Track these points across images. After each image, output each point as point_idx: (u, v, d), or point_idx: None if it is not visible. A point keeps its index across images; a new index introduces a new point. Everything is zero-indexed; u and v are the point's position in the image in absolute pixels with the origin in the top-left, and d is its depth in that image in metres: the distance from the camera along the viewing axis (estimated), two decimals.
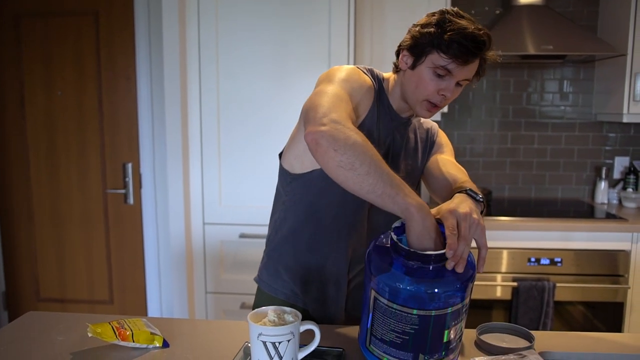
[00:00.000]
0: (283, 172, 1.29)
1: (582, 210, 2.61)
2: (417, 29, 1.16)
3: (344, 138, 0.96)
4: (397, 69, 1.23)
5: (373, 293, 0.93)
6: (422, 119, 1.35)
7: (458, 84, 1.15)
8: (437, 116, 2.54)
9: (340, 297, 1.31)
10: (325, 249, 1.27)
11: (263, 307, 0.96)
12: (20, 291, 3.00)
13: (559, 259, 2.31)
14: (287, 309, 0.96)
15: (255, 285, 1.42)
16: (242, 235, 2.39)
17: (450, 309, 0.89)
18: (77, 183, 2.84)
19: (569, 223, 2.33)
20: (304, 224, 1.28)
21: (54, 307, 2.96)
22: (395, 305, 0.90)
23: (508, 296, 2.34)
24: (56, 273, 2.94)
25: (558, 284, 2.29)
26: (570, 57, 2.54)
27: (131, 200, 2.83)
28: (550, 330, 2.30)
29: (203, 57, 2.32)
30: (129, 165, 2.80)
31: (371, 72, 1.24)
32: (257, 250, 2.40)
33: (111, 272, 2.91)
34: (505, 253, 2.33)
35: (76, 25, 2.72)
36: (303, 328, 0.94)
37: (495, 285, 2.33)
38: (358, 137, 0.97)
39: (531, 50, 2.34)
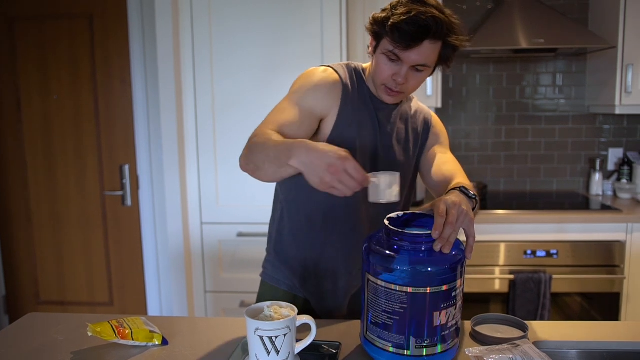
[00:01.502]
0: None
1: (577, 202, 2.63)
2: (377, 13, 1.17)
3: (247, 152, 1.09)
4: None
5: (367, 276, 0.98)
6: (417, 107, 1.34)
7: (416, 69, 1.13)
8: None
9: (339, 291, 1.32)
10: (318, 244, 1.29)
11: (260, 303, 0.98)
12: (21, 295, 3.01)
13: (554, 251, 2.33)
14: (284, 303, 0.98)
15: (257, 283, 1.45)
16: (240, 234, 2.41)
17: (438, 288, 0.92)
18: (75, 185, 2.85)
19: (564, 215, 2.35)
20: (298, 222, 1.31)
21: (55, 309, 2.97)
22: (384, 283, 0.94)
23: (505, 289, 2.36)
24: (56, 276, 2.95)
25: (554, 276, 2.31)
26: (562, 50, 2.56)
27: (129, 202, 2.84)
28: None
29: (197, 58, 2.33)
30: (126, 167, 2.81)
31: (347, 67, 1.26)
32: (255, 248, 2.42)
33: (110, 273, 2.92)
34: (501, 246, 2.34)
35: (71, 29, 2.72)
36: (299, 322, 0.96)
37: (493, 278, 2.35)
38: (257, 139, 1.08)
39: (523, 44, 2.36)
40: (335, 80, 1.22)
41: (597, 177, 2.79)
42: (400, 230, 0.96)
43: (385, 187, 1.00)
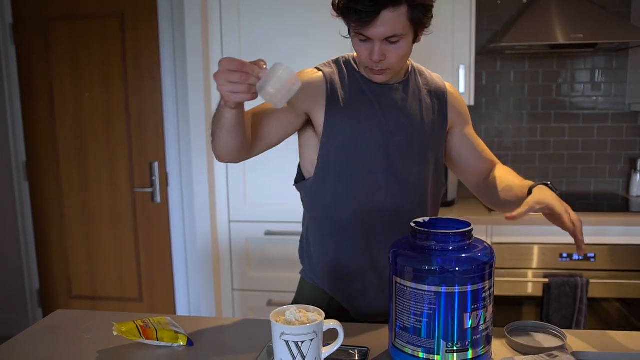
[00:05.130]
0: (301, 177, 1.32)
1: (617, 204, 2.53)
2: None
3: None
4: None
5: (395, 279, 0.97)
6: (430, 81, 1.29)
7: (390, 42, 1.08)
8: None
9: (369, 294, 1.29)
10: (344, 246, 1.26)
11: (286, 306, 0.95)
12: (53, 289, 3.07)
13: (592, 255, 2.24)
14: (311, 307, 0.95)
15: (284, 282, 1.43)
16: (268, 233, 2.39)
17: (466, 288, 0.91)
18: (106, 182, 2.89)
19: (603, 217, 2.25)
20: (321, 224, 1.28)
21: (86, 304, 3.02)
22: (411, 284, 0.93)
23: (539, 293, 2.28)
24: (87, 271, 2.99)
25: (591, 280, 2.22)
26: (602, 46, 2.45)
27: (158, 199, 2.86)
28: (584, 328, 2.24)
29: (226, 54, 2.32)
30: (156, 164, 2.83)
31: (335, 62, 1.24)
32: (282, 247, 2.40)
33: (140, 270, 2.95)
34: (536, 248, 2.27)
35: (102, 28, 2.76)
36: (327, 327, 0.93)
37: (526, 281, 2.28)
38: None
39: (560, 40, 2.27)
40: (316, 78, 1.20)
41: (637, 177, 2.67)
42: (427, 230, 0.95)
43: (272, 77, 0.93)
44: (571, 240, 2.22)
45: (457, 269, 0.92)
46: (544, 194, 1.06)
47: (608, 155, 2.77)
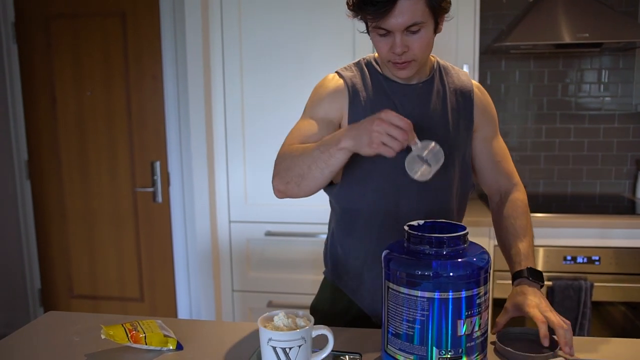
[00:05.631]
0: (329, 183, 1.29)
1: (623, 206, 2.48)
2: None
3: (282, 172, 1.10)
4: None
5: (387, 284, 0.95)
6: (457, 79, 1.24)
7: (410, 32, 1.05)
8: None
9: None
10: (370, 252, 1.24)
11: (275, 311, 0.93)
12: (55, 288, 3.06)
13: (596, 257, 2.20)
14: (300, 312, 0.93)
15: (284, 283, 1.41)
16: (268, 233, 2.37)
17: (460, 294, 0.89)
18: (108, 182, 2.88)
19: (608, 219, 2.21)
20: (349, 228, 1.26)
21: (87, 304, 3.02)
22: (404, 289, 0.91)
23: None
24: (88, 270, 2.99)
25: (596, 284, 2.18)
26: (609, 45, 2.41)
27: (160, 199, 2.85)
28: (588, 332, 2.20)
29: (227, 54, 2.30)
30: (157, 164, 2.82)
31: (356, 65, 1.23)
32: (283, 248, 2.38)
33: (141, 269, 2.94)
34: (540, 251, 2.23)
35: (104, 26, 2.75)
36: (315, 333, 0.91)
37: None
38: (290, 155, 1.09)
39: (565, 39, 2.24)
40: (338, 85, 1.19)
41: None
42: (421, 234, 0.93)
43: (423, 152, 1.00)
44: (575, 243, 2.20)
45: (451, 274, 0.89)
46: (524, 302, 1.08)
47: (614, 156, 2.72)
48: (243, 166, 2.37)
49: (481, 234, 2.25)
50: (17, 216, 3.04)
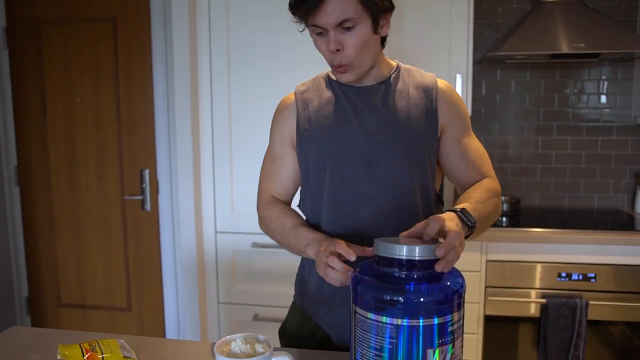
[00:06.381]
0: None
1: (621, 221, 2.42)
2: None
3: (264, 228, 1.26)
4: None
5: (354, 308, 0.88)
6: (421, 80, 1.18)
7: (344, 28, 1.03)
8: None
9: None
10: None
11: (233, 335, 0.88)
12: (42, 296, 3.01)
13: (592, 275, 2.13)
14: (261, 337, 0.87)
15: (271, 296, 1.39)
16: (255, 245, 2.32)
17: (431, 321, 0.82)
18: (96, 189, 2.83)
19: (606, 235, 2.15)
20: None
21: (74, 313, 2.96)
22: (371, 315, 0.84)
23: (536, 314, 2.17)
24: (76, 279, 2.94)
25: (591, 302, 2.11)
26: (607, 56, 2.36)
27: (148, 207, 2.80)
28: (583, 352, 2.12)
29: (214, 63, 2.26)
30: (146, 172, 2.77)
31: (314, 78, 1.24)
32: (270, 260, 2.33)
33: (129, 279, 2.88)
34: (533, 267, 2.17)
35: (94, 32, 2.71)
36: (276, 359, 0.85)
37: (522, 301, 2.17)
38: (270, 224, 1.22)
39: (562, 49, 2.18)
40: (288, 102, 1.22)
41: None
42: (389, 255, 0.85)
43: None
44: (570, 259, 2.13)
45: (421, 299, 0.83)
46: (440, 218, 0.93)
47: (612, 169, 2.65)
48: (230, 176, 2.32)
49: (474, 249, 2.19)
50: (5, 223, 2.99)
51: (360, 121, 1.13)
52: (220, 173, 2.33)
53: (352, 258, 0.95)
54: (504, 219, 2.43)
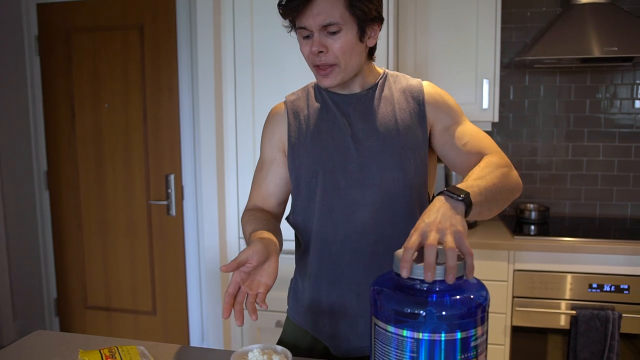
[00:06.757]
0: None
1: None
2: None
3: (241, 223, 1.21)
4: None
5: (374, 320, 0.86)
6: (405, 85, 1.18)
7: (330, 32, 1.05)
8: (487, 126, 2.36)
9: (353, 335, 1.19)
10: (327, 277, 1.17)
11: (250, 346, 0.86)
12: (70, 298, 3.06)
13: (625, 286, 2.06)
14: (279, 348, 0.86)
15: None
16: None
17: (455, 334, 0.79)
18: (123, 194, 2.87)
19: (639, 245, 2.07)
20: (303, 255, 1.23)
21: (101, 315, 3.01)
22: (392, 328, 0.81)
23: (566, 325, 2.11)
24: (102, 282, 2.98)
25: (624, 315, 2.04)
26: None
27: (173, 212, 2.82)
28: None
29: (238, 70, 2.26)
30: (172, 177, 2.80)
31: (304, 88, 1.25)
32: (292, 266, 2.31)
33: (154, 283, 2.91)
34: (563, 277, 2.10)
35: (122, 39, 2.76)
36: None
37: (551, 312, 2.11)
38: (243, 220, 1.19)
39: (593, 53, 2.12)
40: (277, 112, 1.23)
41: None
42: (415, 277, 0.83)
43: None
44: (602, 270, 2.06)
45: (443, 313, 0.80)
46: (420, 221, 0.87)
47: None
48: None
49: (501, 258, 2.13)
50: (35, 226, 3.06)
51: (351, 128, 1.14)
52: (244, 179, 2.33)
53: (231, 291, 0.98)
54: (532, 227, 2.37)
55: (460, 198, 0.88)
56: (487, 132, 2.63)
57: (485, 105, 2.26)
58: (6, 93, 2.98)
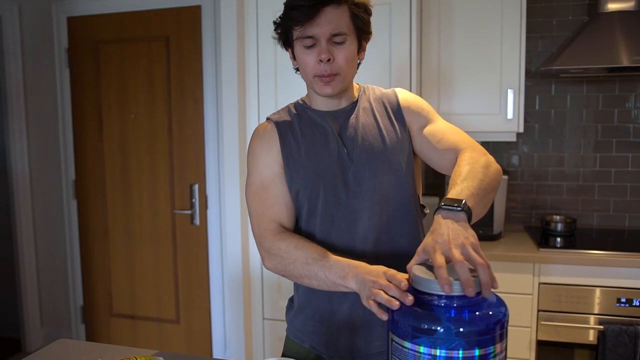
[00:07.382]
0: None
1: None
2: (275, 20, 1.17)
3: (275, 262, 1.14)
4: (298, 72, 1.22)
5: (391, 336, 0.86)
6: (379, 94, 1.26)
7: (336, 42, 1.09)
8: (512, 136, 2.32)
9: (358, 351, 1.18)
10: (328, 292, 1.16)
11: (273, 358, 0.86)
12: (96, 306, 3.12)
13: None
14: None
15: None
16: None
17: (472, 351, 0.78)
18: (148, 203, 2.92)
19: None
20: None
21: (125, 323, 3.05)
22: (408, 344, 0.81)
23: (593, 340, 2.05)
24: (128, 290, 3.02)
25: None
26: None
27: (197, 221, 2.85)
28: None
29: (262, 82, 2.28)
30: (196, 187, 2.83)
31: (285, 107, 1.26)
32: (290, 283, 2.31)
33: (178, 292, 2.94)
34: (590, 291, 2.05)
35: (148, 50, 2.81)
36: None
37: (578, 327, 2.06)
38: (286, 255, 1.11)
39: (622, 62, 2.07)
40: (265, 127, 1.23)
41: None
42: (433, 292, 0.83)
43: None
44: (631, 284, 2.00)
45: (461, 329, 0.79)
46: (431, 240, 0.89)
47: None
48: None
49: (526, 270, 2.09)
50: (63, 234, 3.13)
51: (341, 140, 1.18)
52: None
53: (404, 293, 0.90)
54: (559, 239, 2.32)
55: (459, 209, 0.92)
56: (511, 142, 2.60)
57: (510, 115, 2.23)
58: (37, 104, 3.07)
